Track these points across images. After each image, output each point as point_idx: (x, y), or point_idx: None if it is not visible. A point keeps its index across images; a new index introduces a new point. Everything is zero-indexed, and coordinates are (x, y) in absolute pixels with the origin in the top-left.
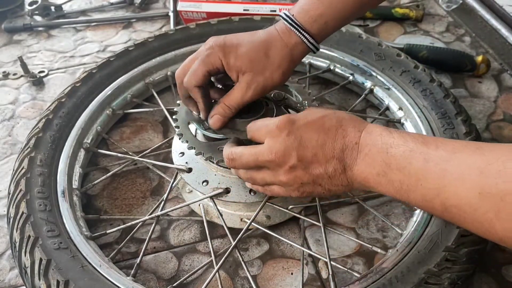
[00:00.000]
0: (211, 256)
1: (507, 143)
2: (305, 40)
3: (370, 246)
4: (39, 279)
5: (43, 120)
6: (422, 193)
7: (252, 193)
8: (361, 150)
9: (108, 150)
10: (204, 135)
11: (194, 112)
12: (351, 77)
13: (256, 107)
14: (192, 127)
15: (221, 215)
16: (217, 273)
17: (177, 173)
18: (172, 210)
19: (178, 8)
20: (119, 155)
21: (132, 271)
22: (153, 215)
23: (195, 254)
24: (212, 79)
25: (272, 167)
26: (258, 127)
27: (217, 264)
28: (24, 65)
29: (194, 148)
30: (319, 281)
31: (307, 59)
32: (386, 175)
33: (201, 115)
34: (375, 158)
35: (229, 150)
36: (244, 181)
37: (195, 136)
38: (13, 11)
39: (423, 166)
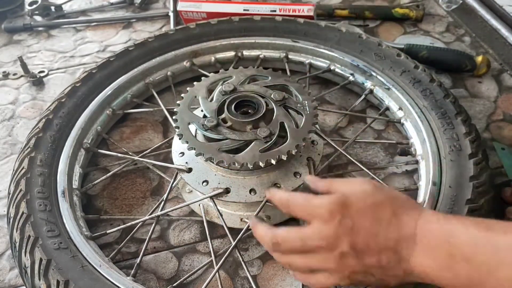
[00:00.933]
0: (211, 256)
1: (507, 143)
2: None
3: None
4: (39, 279)
5: (43, 120)
6: (494, 285)
7: (252, 193)
8: (418, 241)
9: (108, 150)
10: (204, 135)
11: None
12: (351, 77)
13: (256, 107)
14: (192, 127)
15: (221, 215)
16: (217, 273)
17: (177, 173)
18: (172, 210)
19: (178, 8)
20: (119, 155)
21: (132, 271)
22: (153, 215)
23: (195, 254)
24: None
25: (321, 252)
26: (301, 204)
27: (217, 264)
28: (24, 65)
29: (195, 149)
30: None
31: (307, 59)
32: (450, 269)
33: None
34: (436, 250)
35: (271, 233)
36: (243, 184)
37: (195, 136)
38: (13, 11)
39: (494, 255)
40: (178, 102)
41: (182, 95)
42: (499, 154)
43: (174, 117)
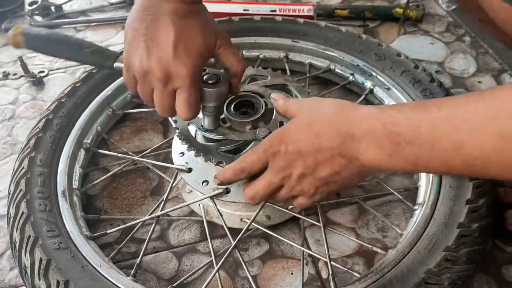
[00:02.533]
0: (211, 256)
1: None
2: None
3: (370, 246)
4: (39, 279)
5: (43, 120)
6: (440, 157)
7: None
8: (360, 139)
9: (108, 150)
10: (203, 136)
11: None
12: (351, 77)
13: (255, 107)
14: (192, 128)
15: (221, 215)
16: (217, 273)
17: (177, 173)
18: (172, 210)
19: None
20: (119, 155)
21: (132, 271)
22: (153, 215)
23: (195, 254)
24: None
25: (286, 183)
26: (251, 161)
27: (217, 264)
28: (24, 65)
29: (194, 149)
30: (319, 281)
31: (307, 59)
32: (398, 154)
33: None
34: (380, 141)
35: (247, 193)
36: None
37: (195, 137)
38: (13, 11)
39: (432, 131)
40: None
41: None
42: None
43: (173, 118)
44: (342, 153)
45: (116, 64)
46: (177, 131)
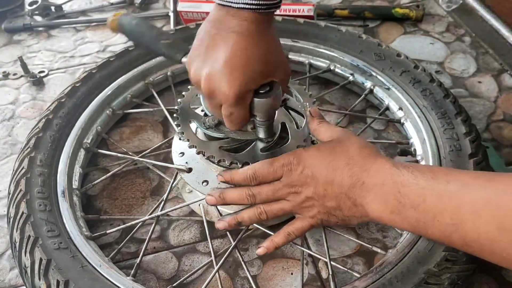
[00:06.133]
0: (211, 256)
1: (506, 143)
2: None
3: (370, 246)
4: (39, 279)
5: (43, 120)
6: (439, 229)
7: None
8: (369, 189)
9: (108, 150)
10: (205, 134)
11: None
12: (351, 77)
13: None
14: (193, 125)
15: (221, 215)
16: (217, 273)
17: (177, 173)
18: (172, 210)
19: (178, 9)
20: (119, 155)
21: (132, 271)
22: (153, 215)
23: (195, 254)
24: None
25: (291, 198)
26: (267, 170)
27: (217, 264)
28: (24, 65)
29: (195, 147)
30: (319, 281)
31: (307, 59)
32: (400, 213)
33: None
34: (386, 197)
35: (247, 190)
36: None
37: (196, 134)
38: (13, 11)
39: (437, 202)
40: (179, 100)
41: (184, 93)
42: None
43: (175, 115)
44: (350, 195)
45: (184, 59)
46: (178, 128)
